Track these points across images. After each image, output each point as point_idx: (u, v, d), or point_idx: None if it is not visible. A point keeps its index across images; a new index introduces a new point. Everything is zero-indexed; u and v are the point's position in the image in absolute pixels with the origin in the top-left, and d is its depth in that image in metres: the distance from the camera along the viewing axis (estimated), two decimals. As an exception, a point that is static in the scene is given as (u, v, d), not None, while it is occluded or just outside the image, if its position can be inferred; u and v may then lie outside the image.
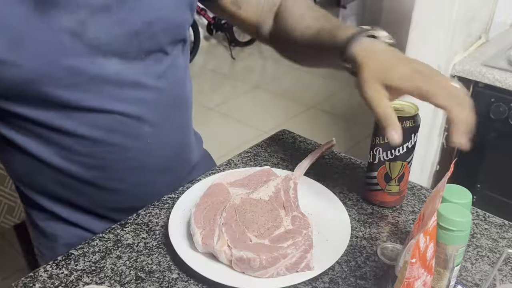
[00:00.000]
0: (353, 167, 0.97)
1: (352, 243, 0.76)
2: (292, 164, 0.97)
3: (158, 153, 0.84)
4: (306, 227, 0.71)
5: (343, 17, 5.64)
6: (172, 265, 0.73)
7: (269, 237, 0.69)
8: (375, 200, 0.84)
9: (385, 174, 0.80)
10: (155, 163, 0.85)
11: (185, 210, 0.80)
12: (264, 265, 0.65)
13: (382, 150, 0.79)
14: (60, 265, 0.73)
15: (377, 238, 0.78)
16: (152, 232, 0.79)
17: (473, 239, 0.78)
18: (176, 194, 0.89)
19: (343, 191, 0.89)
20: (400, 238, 0.78)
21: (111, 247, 0.76)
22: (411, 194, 0.89)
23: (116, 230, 0.80)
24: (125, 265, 0.73)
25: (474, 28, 1.70)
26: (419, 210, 0.84)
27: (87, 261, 0.74)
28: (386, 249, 0.75)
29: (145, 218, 0.83)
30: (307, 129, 3.09)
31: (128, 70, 0.69)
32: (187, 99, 0.84)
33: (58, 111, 0.68)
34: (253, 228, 0.71)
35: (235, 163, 0.98)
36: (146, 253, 0.75)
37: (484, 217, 0.83)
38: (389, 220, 0.82)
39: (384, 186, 0.81)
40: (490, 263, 0.73)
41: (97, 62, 0.66)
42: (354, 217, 0.82)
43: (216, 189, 0.80)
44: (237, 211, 0.74)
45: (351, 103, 3.44)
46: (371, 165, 0.82)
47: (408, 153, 0.78)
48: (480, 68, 1.56)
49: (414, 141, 0.78)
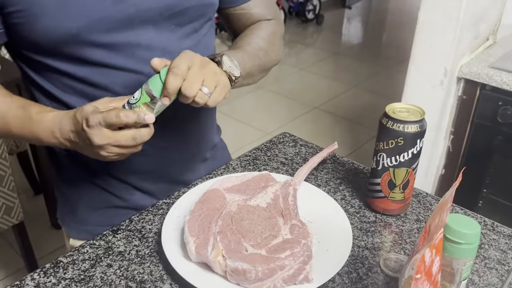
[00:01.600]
0: (355, 172, 0.93)
1: (353, 253, 0.73)
2: (293, 168, 0.94)
3: (181, 116, 0.85)
4: (305, 236, 0.68)
5: (348, 17, 5.60)
6: (165, 274, 0.70)
7: (266, 247, 0.66)
8: (378, 208, 0.81)
9: (389, 181, 0.77)
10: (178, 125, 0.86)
11: (180, 217, 0.77)
12: (260, 277, 0.62)
13: (386, 156, 0.75)
14: (48, 273, 0.70)
15: (380, 248, 0.74)
16: (144, 240, 0.76)
17: (481, 250, 0.74)
18: (171, 199, 0.85)
19: (345, 197, 0.86)
20: (404, 248, 0.74)
21: (102, 255, 0.73)
22: (416, 202, 0.85)
23: (107, 236, 0.77)
24: (115, 274, 0.70)
25: (481, 29, 1.66)
26: (424, 219, 0.81)
27: (76, 269, 0.71)
28: (390, 260, 0.72)
29: (138, 224, 0.80)
30: (309, 130, 3.05)
31: (159, 38, 0.76)
32: None
33: (94, 68, 0.75)
34: (250, 237, 0.68)
35: (233, 167, 0.95)
36: (138, 261, 0.72)
37: (492, 226, 0.80)
38: (393, 229, 0.79)
39: (388, 193, 0.78)
40: (498, 276, 0.69)
41: (133, 28, 0.74)
42: (356, 225, 0.79)
43: (212, 195, 0.76)
44: (233, 218, 0.71)
45: (355, 104, 3.41)
46: (374, 171, 0.78)
47: (414, 159, 0.75)
48: (488, 70, 1.52)
49: (420, 147, 0.75)
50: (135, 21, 0.73)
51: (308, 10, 5.04)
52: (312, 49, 4.59)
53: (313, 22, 5.13)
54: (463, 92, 1.63)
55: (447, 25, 1.52)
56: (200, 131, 0.93)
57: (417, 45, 1.60)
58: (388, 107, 0.76)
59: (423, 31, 1.57)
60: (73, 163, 0.88)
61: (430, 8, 1.53)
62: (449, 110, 1.66)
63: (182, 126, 0.87)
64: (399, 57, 4.15)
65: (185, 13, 0.77)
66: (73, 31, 0.70)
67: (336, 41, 4.86)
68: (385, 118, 0.74)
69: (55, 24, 0.69)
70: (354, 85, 3.71)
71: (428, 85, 1.62)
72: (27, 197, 2.33)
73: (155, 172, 0.88)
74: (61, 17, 0.69)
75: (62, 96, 0.79)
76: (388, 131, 0.74)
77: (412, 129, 0.72)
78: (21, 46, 0.75)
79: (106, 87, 0.78)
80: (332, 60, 4.28)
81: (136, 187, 0.90)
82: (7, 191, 1.64)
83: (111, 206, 0.91)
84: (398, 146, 0.74)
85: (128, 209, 0.91)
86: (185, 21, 0.78)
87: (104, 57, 0.74)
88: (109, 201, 0.90)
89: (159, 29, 0.76)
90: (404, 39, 4.58)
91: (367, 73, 3.94)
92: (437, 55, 1.56)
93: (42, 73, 0.78)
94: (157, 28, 0.76)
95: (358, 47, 4.78)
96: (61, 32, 0.70)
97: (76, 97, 0.79)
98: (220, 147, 1.05)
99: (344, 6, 5.75)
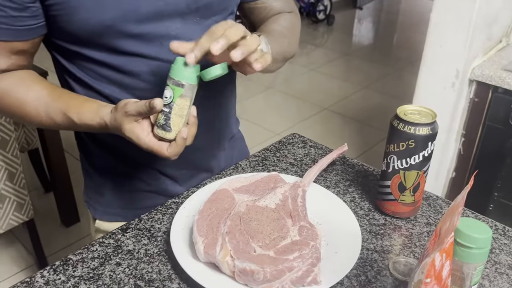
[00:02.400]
0: (365, 174, 0.92)
1: (362, 256, 0.72)
2: (302, 169, 0.94)
3: (206, 106, 0.87)
4: (314, 238, 0.68)
5: (359, 18, 5.58)
6: (173, 274, 0.70)
7: (274, 248, 0.66)
8: (388, 210, 0.80)
9: (399, 184, 0.76)
10: (204, 113, 0.86)
11: (189, 216, 0.77)
12: (268, 278, 0.62)
13: (396, 158, 0.75)
14: (57, 270, 0.71)
15: (389, 251, 0.74)
16: (153, 239, 0.76)
17: (492, 254, 0.73)
18: (180, 198, 0.86)
19: (355, 200, 0.85)
20: (413, 251, 0.74)
21: (111, 253, 0.74)
22: (426, 205, 0.84)
23: (117, 235, 0.77)
24: (124, 272, 0.70)
25: (494, 31, 1.65)
26: (434, 222, 0.80)
27: (85, 267, 0.71)
28: (399, 263, 0.71)
29: (147, 223, 0.80)
30: (319, 131, 3.04)
31: (186, 29, 0.80)
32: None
33: (126, 58, 0.79)
34: (258, 238, 0.68)
35: (242, 167, 0.95)
36: (147, 260, 0.72)
37: (503, 231, 0.79)
38: (403, 232, 0.78)
39: (398, 196, 0.77)
40: (509, 282, 0.69)
41: (162, 20, 0.78)
42: (366, 228, 0.78)
43: (221, 195, 0.76)
44: (242, 219, 0.71)
45: (365, 105, 3.39)
46: (384, 173, 0.78)
47: (425, 162, 0.74)
48: (500, 72, 1.51)
49: (431, 150, 0.74)
50: (164, 13, 0.77)
51: (319, 10, 5.03)
52: (323, 49, 4.57)
53: (323, 23, 5.11)
54: (475, 94, 1.61)
55: (460, 26, 1.50)
56: (223, 120, 0.97)
57: (429, 46, 1.59)
58: (399, 109, 0.75)
59: (435, 32, 1.56)
60: (101, 149, 0.91)
61: (442, 9, 1.52)
62: (460, 112, 1.65)
63: (207, 114, 0.89)
64: (410, 58, 4.12)
65: (209, 7, 0.81)
66: (108, 22, 0.74)
67: (346, 42, 4.84)
68: (396, 120, 0.74)
69: (91, 16, 0.73)
70: (365, 86, 3.69)
71: (439, 87, 1.61)
72: (37, 194, 2.35)
73: (181, 158, 0.91)
74: (97, 10, 0.73)
75: (95, 84, 0.83)
76: (399, 133, 0.73)
77: (424, 131, 0.72)
78: (57, 36, 0.79)
79: (138, 75, 0.81)
80: (343, 61, 4.26)
81: (161, 172, 0.92)
82: (18, 188, 1.65)
83: (137, 190, 0.94)
84: (409, 148, 0.73)
85: (152, 193, 0.94)
86: (209, 14, 0.82)
87: (136, 47, 0.78)
88: (134, 185, 0.93)
89: (186, 21, 0.80)
90: (415, 40, 4.56)
91: (377, 74, 3.92)
92: (449, 56, 1.55)
93: (76, 63, 0.82)
94: (184, 20, 0.80)
95: (368, 48, 4.76)
96: (96, 23, 0.74)
97: (109, 85, 0.83)
98: (238, 137, 1.09)
99: (355, 6, 5.73)
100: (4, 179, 1.59)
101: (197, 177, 0.95)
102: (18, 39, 0.76)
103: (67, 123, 0.79)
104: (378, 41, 4.98)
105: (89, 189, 0.98)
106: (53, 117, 0.79)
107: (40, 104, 0.79)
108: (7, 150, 1.56)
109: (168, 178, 0.93)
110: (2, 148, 1.54)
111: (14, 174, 1.61)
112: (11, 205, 1.65)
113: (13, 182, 1.62)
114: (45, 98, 0.79)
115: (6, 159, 1.57)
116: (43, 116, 0.80)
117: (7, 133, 1.54)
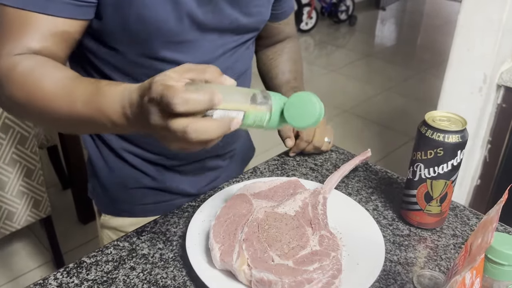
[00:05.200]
0: (389, 182, 0.89)
1: (385, 268, 0.69)
2: (322, 175, 0.91)
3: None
4: (335, 249, 0.65)
5: (382, 19, 5.50)
6: (188, 280, 0.68)
7: (293, 258, 0.63)
8: (413, 221, 0.76)
9: (425, 193, 0.73)
10: None
11: (205, 221, 0.74)
12: (287, 290, 0.59)
13: (423, 167, 0.71)
14: (71, 273, 0.69)
15: (413, 264, 0.70)
16: (169, 243, 0.74)
17: (523, 270, 0.69)
18: (196, 202, 0.84)
19: (377, 208, 0.82)
20: (439, 265, 0.70)
21: (125, 257, 0.72)
22: (453, 215, 0.81)
23: (132, 238, 0.76)
24: (138, 277, 0.68)
25: (525, 35, 1.59)
26: (461, 234, 0.76)
27: (99, 270, 0.70)
28: (423, 277, 0.68)
29: (163, 226, 0.78)
30: (339, 134, 2.97)
31: (220, 41, 0.84)
32: (249, 75, 0.99)
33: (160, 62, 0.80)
34: (276, 246, 0.65)
35: (261, 171, 0.92)
36: (162, 265, 0.70)
37: (536, 245, 0.75)
38: (428, 244, 0.74)
39: (424, 206, 0.74)
40: (543, 301, 0.64)
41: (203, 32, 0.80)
42: (389, 238, 0.75)
43: (239, 200, 0.74)
44: (260, 226, 0.68)
45: (386, 108, 3.33)
46: (410, 182, 0.74)
47: (453, 171, 0.71)
48: (531, 77, 1.45)
49: (460, 159, 0.70)
50: (208, 27, 0.80)
51: (341, 11, 4.97)
52: (344, 50, 4.52)
53: (345, 23, 5.05)
54: (503, 99, 1.55)
55: (488, 30, 1.45)
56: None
57: (455, 50, 1.54)
58: (427, 115, 0.72)
59: (462, 35, 1.51)
60: (107, 142, 0.90)
61: (471, 11, 1.47)
62: (487, 118, 1.60)
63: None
64: (433, 60, 4.04)
65: (246, 26, 0.87)
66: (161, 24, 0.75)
67: (368, 43, 4.77)
68: (424, 127, 0.70)
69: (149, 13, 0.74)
70: (386, 89, 3.62)
71: (466, 92, 1.55)
72: (55, 191, 2.36)
73: (188, 155, 0.92)
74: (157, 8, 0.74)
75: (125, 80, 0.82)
76: (427, 140, 0.70)
77: (453, 139, 0.68)
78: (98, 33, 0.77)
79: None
80: (364, 62, 4.20)
81: (167, 167, 0.91)
82: (36, 185, 1.66)
83: (142, 187, 0.93)
84: (437, 157, 0.69)
85: (157, 190, 0.93)
86: (243, 32, 0.88)
87: (171, 54, 0.80)
88: (140, 181, 0.92)
89: (222, 35, 0.84)
90: (440, 42, 4.47)
91: (400, 76, 3.85)
92: (476, 60, 1.50)
93: (104, 60, 0.81)
94: (221, 34, 0.83)
95: (391, 49, 4.68)
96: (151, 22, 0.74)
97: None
98: (245, 139, 1.08)
99: (378, 7, 5.65)
100: (22, 176, 1.60)
101: (203, 175, 0.94)
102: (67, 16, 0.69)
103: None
104: (401, 43, 4.90)
105: (94, 182, 0.97)
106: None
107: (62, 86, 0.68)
108: (26, 147, 1.57)
109: (174, 174, 0.92)
110: (21, 145, 1.54)
111: (32, 170, 1.62)
112: (29, 202, 1.65)
113: (31, 179, 1.63)
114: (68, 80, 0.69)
115: (25, 156, 1.57)
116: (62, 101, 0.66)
117: (26, 130, 1.54)
